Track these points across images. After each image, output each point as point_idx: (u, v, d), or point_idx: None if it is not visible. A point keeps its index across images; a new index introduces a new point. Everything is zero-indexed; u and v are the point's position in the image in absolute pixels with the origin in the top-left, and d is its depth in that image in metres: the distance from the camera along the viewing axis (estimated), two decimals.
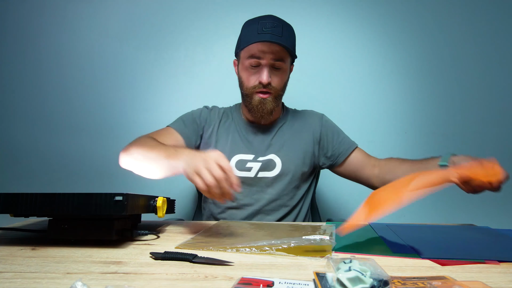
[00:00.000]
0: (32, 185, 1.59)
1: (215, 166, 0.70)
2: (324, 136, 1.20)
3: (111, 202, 0.65)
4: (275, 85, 1.08)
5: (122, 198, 0.65)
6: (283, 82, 1.11)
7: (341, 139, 1.20)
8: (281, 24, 1.07)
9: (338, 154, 1.19)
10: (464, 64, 1.61)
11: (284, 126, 1.19)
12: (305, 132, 1.18)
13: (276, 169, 1.12)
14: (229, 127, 1.19)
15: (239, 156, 1.13)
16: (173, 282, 0.50)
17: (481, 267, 0.57)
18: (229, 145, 1.15)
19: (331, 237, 0.74)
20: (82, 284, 0.42)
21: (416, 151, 1.59)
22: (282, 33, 1.04)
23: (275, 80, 1.08)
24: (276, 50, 1.04)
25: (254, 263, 0.59)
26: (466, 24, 1.62)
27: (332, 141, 1.19)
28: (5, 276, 0.52)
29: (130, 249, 0.67)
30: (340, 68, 1.61)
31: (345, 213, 1.58)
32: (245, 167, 1.12)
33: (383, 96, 1.60)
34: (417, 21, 1.62)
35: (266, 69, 1.05)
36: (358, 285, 0.41)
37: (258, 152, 1.14)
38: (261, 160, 1.13)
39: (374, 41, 1.62)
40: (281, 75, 1.09)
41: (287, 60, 1.10)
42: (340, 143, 1.20)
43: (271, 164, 1.13)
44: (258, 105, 1.09)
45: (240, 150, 1.14)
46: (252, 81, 1.08)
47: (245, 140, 1.16)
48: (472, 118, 1.59)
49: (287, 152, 1.14)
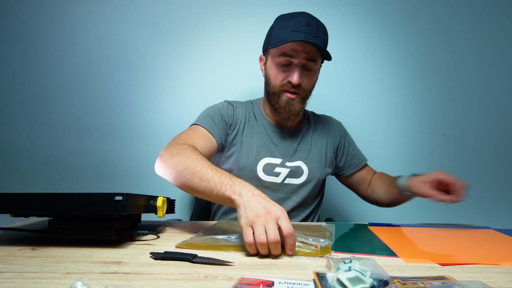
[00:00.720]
0: (32, 185, 1.59)
1: (274, 226, 0.61)
2: (342, 145, 1.21)
3: (111, 202, 0.65)
4: (304, 86, 1.03)
5: (122, 198, 0.65)
6: (313, 83, 1.06)
7: (356, 152, 1.23)
8: (316, 23, 1.00)
9: (349, 166, 1.21)
10: (464, 64, 1.61)
11: (308, 131, 1.17)
12: (327, 139, 1.18)
13: (303, 176, 1.10)
14: (254, 127, 1.12)
15: (267, 160, 1.08)
16: (173, 282, 0.50)
17: (481, 267, 0.57)
18: (256, 146, 1.08)
19: (326, 238, 0.73)
20: (82, 284, 0.42)
21: (416, 151, 1.59)
22: (316, 33, 0.98)
23: (305, 81, 1.02)
24: (309, 50, 0.99)
25: (254, 263, 0.59)
26: (466, 24, 1.62)
27: (347, 152, 1.21)
28: (5, 276, 0.52)
29: (130, 249, 0.67)
30: (340, 68, 1.61)
31: (344, 212, 1.58)
32: (273, 172, 1.08)
33: (383, 96, 1.60)
34: (417, 21, 1.62)
35: (298, 69, 1.00)
36: (358, 285, 0.41)
37: (285, 157, 1.10)
38: (289, 166, 1.09)
39: (374, 41, 1.62)
40: (311, 76, 1.04)
41: (319, 61, 1.05)
42: (353, 156, 1.22)
43: (298, 171, 1.10)
44: (285, 105, 1.03)
45: (268, 153, 1.09)
46: (280, 79, 1.03)
47: (272, 144, 1.10)
48: (472, 118, 1.59)
49: (313, 159, 1.13)
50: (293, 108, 1.03)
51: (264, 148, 1.09)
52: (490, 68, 1.60)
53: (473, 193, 1.57)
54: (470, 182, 1.57)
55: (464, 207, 1.56)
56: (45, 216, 0.73)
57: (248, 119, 1.12)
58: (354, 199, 1.58)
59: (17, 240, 0.74)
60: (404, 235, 0.83)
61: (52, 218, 0.71)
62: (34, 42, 1.64)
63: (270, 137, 1.11)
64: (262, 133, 1.11)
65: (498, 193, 1.57)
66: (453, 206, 1.58)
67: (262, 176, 1.07)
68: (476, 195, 1.57)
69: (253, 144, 1.08)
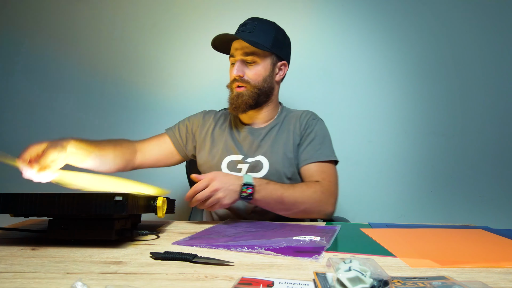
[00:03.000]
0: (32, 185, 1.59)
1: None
2: (303, 139, 1.17)
3: (111, 202, 0.65)
4: (249, 78, 1.13)
5: (122, 198, 0.65)
6: (260, 76, 1.14)
7: (310, 148, 1.15)
8: (257, 22, 1.14)
9: (299, 161, 1.16)
10: (464, 64, 1.61)
11: (275, 128, 1.20)
12: (294, 133, 1.18)
13: (264, 170, 1.12)
14: (225, 129, 1.23)
15: (230, 157, 1.17)
16: (173, 282, 0.50)
17: (481, 267, 0.57)
18: (222, 146, 1.19)
19: (323, 238, 0.73)
20: (82, 284, 0.42)
21: (416, 151, 1.59)
22: (253, 30, 1.11)
23: (249, 73, 1.13)
24: (245, 46, 1.11)
25: (254, 263, 0.59)
26: (466, 24, 1.62)
27: (303, 145, 1.17)
28: (5, 276, 0.52)
29: (130, 249, 0.67)
30: (340, 68, 1.61)
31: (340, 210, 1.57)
32: (236, 168, 1.15)
33: (383, 96, 1.60)
34: (417, 21, 1.62)
35: (237, 63, 1.13)
36: (358, 285, 0.41)
37: (247, 154, 1.16)
38: (250, 161, 1.14)
39: (374, 41, 1.62)
40: (256, 69, 1.13)
41: (263, 56, 1.14)
42: (303, 151, 1.16)
43: (258, 165, 1.13)
44: (234, 97, 1.14)
45: (232, 151, 1.17)
46: (230, 78, 1.17)
47: (237, 142, 1.19)
48: (472, 118, 1.59)
49: (275, 153, 1.14)
50: (239, 99, 1.13)
51: (228, 147, 1.18)
52: (490, 68, 1.60)
53: (473, 193, 1.57)
54: (470, 182, 1.59)
55: (464, 207, 1.56)
56: (45, 216, 0.73)
57: (221, 122, 1.25)
58: (354, 199, 1.58)
59: (17, 240, 0.74)
60: (404, 236, 0.83)
61: (52, 218, 0.71)
62: (34, 42, 1.64)
63: (235, 137, 1.20)
64: (229, 134, 1.21)
65: (498, 193, 1.57)
66: (453, 206, 1.58)
67: (225, 171, 1.15)
68: (476, 195, 1.57)
69: (220, 144, 1.20)
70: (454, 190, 1.57)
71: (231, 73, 1.16)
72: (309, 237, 0.74)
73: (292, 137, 1.17)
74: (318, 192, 1.03)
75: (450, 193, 1.58)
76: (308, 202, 1.02)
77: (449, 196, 1.57)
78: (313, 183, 1.06)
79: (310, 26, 1.63)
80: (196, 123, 1.26)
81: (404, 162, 1.59)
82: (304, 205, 1.01)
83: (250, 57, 1.12)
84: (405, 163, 1.58)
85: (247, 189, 0.94)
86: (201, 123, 1.26)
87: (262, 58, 1.14)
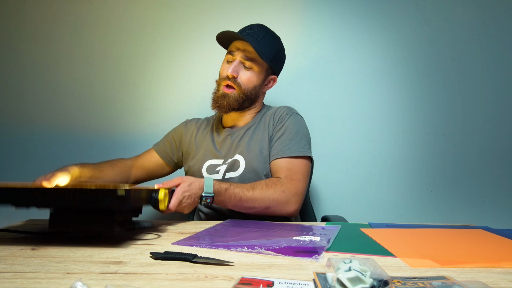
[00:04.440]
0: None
1: None
2: (274, 134, 1.15)
3: (114, 197, 0.65)
4: (241, 81, 1.13)
5: (125, 193, 0.65)
6: (252, 83, 1.15)
7: (279, 142, 1.12)
8: (265, 32, 1.14)
9: (270, 156, 1.14)
10: (464, 64, 1.61)
11: (252, 126, 1.20)
12: (269, 129, 1.16)
13: (240, 169, 1.13)
14: (206, 134, 1.25)
15: (210, 161, 1.18)
16: (173, 282, 0.50)
17: (481, 267, 0.57)
18: (203, 151, 1.21)
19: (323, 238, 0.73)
20: (82, 284, 0.42)
21: (416, 151, 1.59)
22: (260, 38, 1.11)
23: (243, 76, 1.13)
24: (249, 50, 1.11)
25: (254, 263, 0.59)
26: (467, 23, 1.62)
27: (273, 140, 1.14)
28: (5, 276, 0.52)
29: (130, 249, 0.67)
30: (340, 68, 1.61)
31: (340, 210, 1.58)
32: (214, 171, 1.16)
33: (383, 96, 1.60)
34: (417, 20, 1.62)
35: (234, 62, 1.12)
36: (358, 285, 0.41)
37: (227, 156, 1.17)
38: (227, 162, 1.15)
39: (374, 41, 1.62)
40: (250, 75, 1.14)
41: (261, 66, 1.15)
42: (274, 146, 1.13)
43: (235, 164, 1.14)
44: (219, 97, 1.14)
45: (212, 156, 1.19)
46: (222, 73, 1.16)
47: (216, 146, 1.20)
48: (472, 118, 1.59)
49: (251, 151, 1.14)
50: (225, 101, 1.13)
51: (208, 152, 1.20)
52: (490, 68, 1.60)
53: (473, 193, 1.57)
54: (470, 182, 1.59)
55: (464, 207, 1.56)
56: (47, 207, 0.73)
57: (203, 128, 1.27)
58: (354, 199, 1.58)
59: (17, 240, 0.74)
60: (404, 236, 0.83)
61: (54, 212, 0.71)
62: (34, 42, 1.65)
63: (215, 141, 1.22)
64: (210, 138, 1.22)
65: (498, 193, 1.57)
66: (453, 206, 1.58)
67: (206, 176, 1.16)
68: (476, 195, 1.57)
69: (201, 149, 1.21)
70: (454, 190, 1.57)
71: (224, 69, 1.16)
72: (309, 237, 0.74)
73: (267, 133, 1.16)
74: (278, 191, 1.02)
75: (450, 193, 1.58)
76: (267, 203, 1.01)
77: (449, 196, 1.57)
78: (273, 182, 1.03)
79: (310, 25, 1.63)
80: (179, 133, 1.30)
81: (404, 162, 1.59)
82: (264, 205, 1.01)
83: (249, 63, 1.13)
84: (405, 163, 1.58)
85: (206, 199, 0.96)
86: (184, 132, 1.29)
87: (259, 66, 1.15)
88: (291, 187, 1.04)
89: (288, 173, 1.06)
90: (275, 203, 1.02)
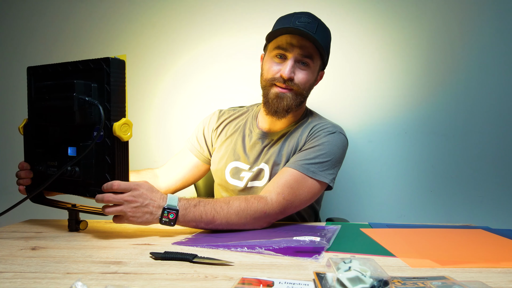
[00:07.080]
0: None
1: None
2: (304, 145, 1.04)
3: None
4: (298, 82, 0.98)
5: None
6: (308, 82, 1.01)
7: (304, 152, 1.00)
8: (317, 22, 0.99)
9: None
10: (465, 64, 1.61)
11: (286, 134, 1.07)
12: (299, 143, 1.05)
13: (265, 179, 1.05)
14: (238, 131, 1.13)
15: (235, 164, 1.08)
16: (173, 282, 0.50)
17: (481, 267, 0.57)
18: (230, 150, 1.10)
19: (323, 238, 0.73)
20: (82, 284, 0.42)
21: (416, 151, 1.59)
22: (316, 31, 0.96)
23: (299, 76, 0.98)
24: (306, 46, 0.96)
25: (254, 263, 0.59)
26: (467, 23, 1.62)
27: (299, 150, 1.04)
28: (5, 276, 0.52)
29: (130, 249, 0.67)
30: (340, 68, 1.61)
31: (340, 210, 1.58)
32: (239, 176, 1.08)
33: (383, 96, 1.60)
34: (417, 20, 1.62)
35: (291, 62, 0.96)
36: (358, 285, 0.41)
37: (254, 161, 1.07)
38: (253, 169, 1.06)
39: (374, 41, 1.61)
40: (307, 73, 1.00)
41: (317, 60, 1.01)
42: (296, 155, 1.02)
43: (261, 174, 1.06)
44: (274, 99, 0.99)
45: (237, 157, 1.09)
46: (272, 73, 0.99)
47: (245, 148, 1.09)
48: (472, 118, 1.59)
49: (277, 161, 1.04)
50: (282, 103, 0.99)
51: (236, 152, 1.09)
52: (491, 68, 1.60)
53: (473, 193, 1.57)
54: (470, 182, 1.58)
55: (464, 207, 1.56)
56: None
57: (235, 123, 1.15)
58: (354, 199, 1.58)
59: (17, 240, 0.74)
60: (404, 236, 0.83)
61: None
62: (34, 42, 1.65)
63: (245, 143, 1.10)
64: (240, 138, 1.11)
65: (498, 193, 1.56)
66: (453, 206, 1.58)
67: (228, 179, 1.09)
68: (476, 195, 1.57)
69: (229, 148, 1.11)
70: (454, 190, 1.57)
71: (272, 68, 0.99)
72: (309, 237, 0.74)
73: (298, 145, 1.04)
74: (258, 213, 0.87)
75: (450, 193, 1.57)
76: (242, 223, 0.86)
77: (449, 196, 1.57)
78: (257, 202, 0.87)
79: None
80: (211, 126, 1.17)
81: (404, 162, 1.58)
82: (238, 225, 0.86)
83: (307, 60, 0.98)
84: (405, 163, 1.58)
85: (169, 214, 0.78)
86: (215, 124, 1.16)
87: (315, 62, 1.01)
88: (276, 212, 0.90)
89: (286, 191, 0.92)
90: (251, 223, 0.88)
